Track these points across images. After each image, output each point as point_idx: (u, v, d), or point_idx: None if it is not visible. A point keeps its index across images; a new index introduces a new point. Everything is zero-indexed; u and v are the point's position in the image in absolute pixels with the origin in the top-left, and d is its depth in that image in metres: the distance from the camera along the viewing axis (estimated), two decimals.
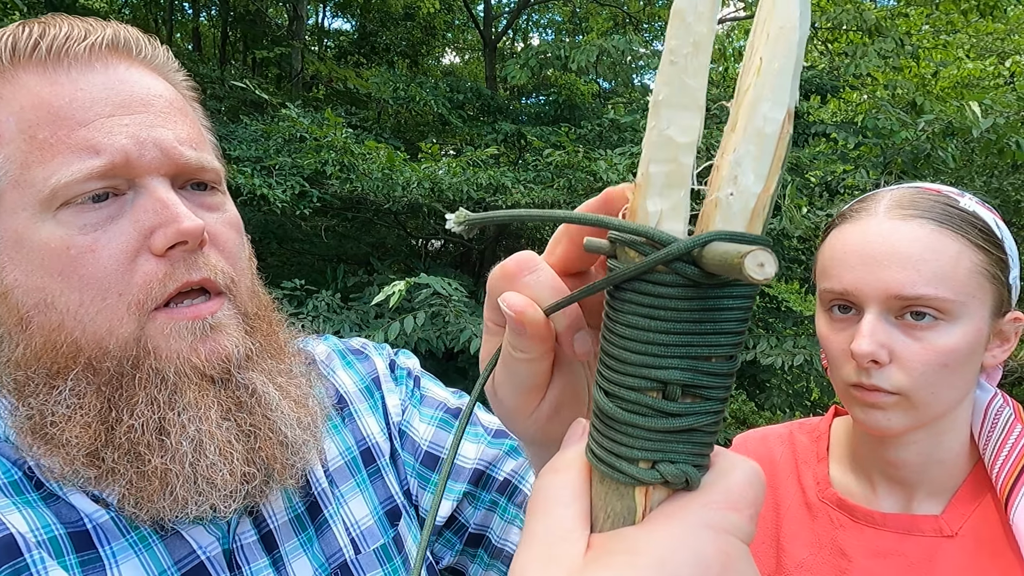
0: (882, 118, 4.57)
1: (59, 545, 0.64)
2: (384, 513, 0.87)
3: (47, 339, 0.66)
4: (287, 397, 0.75)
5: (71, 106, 0.66)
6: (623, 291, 0.39)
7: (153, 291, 0.67)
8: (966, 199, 0.95)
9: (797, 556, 1.06)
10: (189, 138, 0.72)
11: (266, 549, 0.76)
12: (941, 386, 0.90)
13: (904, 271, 0.89)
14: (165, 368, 0.67)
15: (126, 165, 0.67)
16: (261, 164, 4.75)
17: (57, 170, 0.65)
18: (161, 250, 0.67)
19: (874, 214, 0.95)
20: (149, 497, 0.66)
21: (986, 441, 0.95)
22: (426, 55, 10.99)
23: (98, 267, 0.65)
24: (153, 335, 0.67)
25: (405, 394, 0.97)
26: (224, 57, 9.74)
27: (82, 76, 0.68)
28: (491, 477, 0.93)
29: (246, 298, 0.75)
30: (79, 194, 0.65)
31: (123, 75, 0.70)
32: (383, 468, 0.90)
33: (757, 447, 1.19)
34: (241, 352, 0.71)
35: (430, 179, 4.61)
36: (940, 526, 0.96)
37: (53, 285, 0.66)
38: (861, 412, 0.95)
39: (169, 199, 0.68)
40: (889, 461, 1.00)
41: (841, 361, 0.96)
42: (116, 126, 0.67)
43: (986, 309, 0.91)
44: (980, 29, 8.73)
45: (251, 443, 0.70)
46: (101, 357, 0.66)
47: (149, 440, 0.66)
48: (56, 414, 0.66)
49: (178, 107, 0.74)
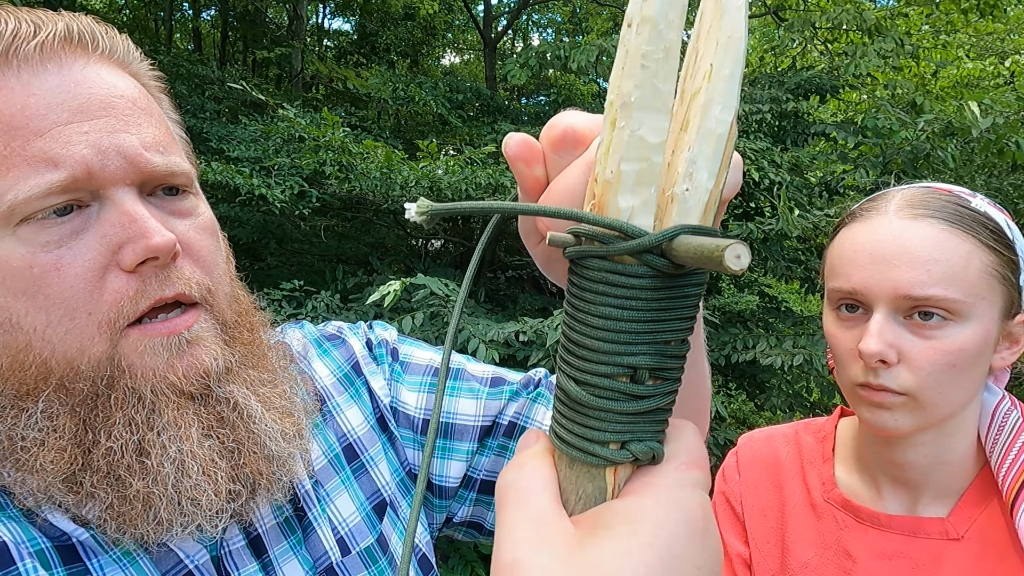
0: (881, 118, 4.57)
1: (46, 558, 0.62)
2: (372, 508, 0.85)
3: (14, 359, 0.62)
4: (271, 408, 0.72)
5: (23, 114, 0.61)
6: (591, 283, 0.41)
7: (124, 309, 0.63)
8: (978, 199, 0.94)
9: (802, 556, 1.05)
10: (155, 141, 0.67)
11: (255, 554, 0.74)
12: (949, 386, 0.90)
13: (914, 271, 0.88)
14: (141, 387, 0.64)
15: (88, 177, 0.62)
16: (260, 164, 4.75)
17: (13, 185, 0.60)
18: (130, 266, 0.63)
19: (884, 213, 0.94)
20: (132, 521, 0.63)
21: (993, 444, 0.94)
22: (426, 55, 10.99)
23: (64, 286, 0.61)
24: (127, 353, 0.64)
25: (388, 372, 0.94)
26: (224, 57, 9.74)
27: (34, 79, 0.62)
28: (497, 424, 0.92)
29: (224, 306, 0.71)
30: (39, 209, 0.61)
31: (79, 75, 0.65)
32: (367, 462, 0.88)
33: (762, 447, 1.18)
34: (220, 365, 0.68)
35: (428, 178, 4.60)
36: (946, 529, 0.96)
37: (17, 305, 0.61)
38: (868, 412, 0.94)
39: (137, 212, 0.64)
40: (895, 462, 0.99)
41: (848, 360, 0.95)
42: (75, 135, 0.62)
43: (995, 310, 0.91)
44: (980, 29, 8.74)
45: (235, 459, 0.68)
46: (73, 377, 0.62)
47: (129, 463, 0.63)
48: (27, 438, 0.62)
49: (142, 107, 0.69)
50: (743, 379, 5.31)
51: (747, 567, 1.12)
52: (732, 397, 5.46)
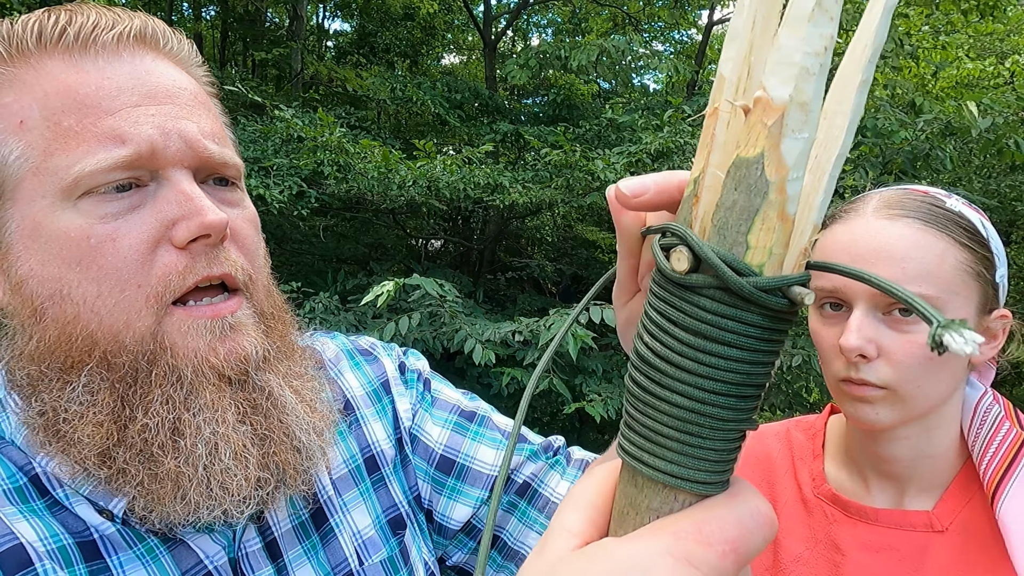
0: (881, 118, 4.58)
1: (68, 555, 0.63)
2: (387, 522, 0.86)
3: (62, 331, 0.64)
4: (302, 401, 0.73)
5: (98, 94, 0.65)
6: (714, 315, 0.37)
7: (172, 283, 0.65)
8: (952, 200, 0.97)
9: (793, 551, 1.06)
10: (212, 132, 0.71)
11: (270, 557, 0.74)
12: (927, 380, 0.92)
13: (890, 269, 0.91)
14: (182, 366, 0.65)
15: (152, 156, 0.65)
16: (259, 165, 4.76)
17: (81, 158, 0.63)
18: (183, 242, 0.65)
19: (862, 214, 0.97)
20: (160, 500, 0.64)
21: (975, 438, 0.96)
22: (426, 55, 11.01)
23: (118, 256, 0.64)
24: (170, 331, 0.65)
25: (416, 398, 0.95)
26: (224, 58, 9.76)
27: (109, 65, 0.67)
28: (511, 480, 0.92)
29: (263, 297, 0.73)
30: (103, 183, 0.64)
31: (150, 66, 0.69)
32: (387, 476, 0.89)
33: (754, 444, 1.19)
34: (259, 353, 0.69)
35: (427, 177, 4.61)
36: (931, 521, 0.97)
37: (70, 275, 0.64)
38: (850, 406, 0.96)
39: (193, 191, 0.67)
40: (880, 457, 1.01)
41: (831, 357, 0.97)
42: (143, 116, 0.66)
43: (972, 306, 0.93)
44: (980, 29, 8.74)
45: (266, 447, 0.69)
46: (116, 351, 0.64)
47: (163, 441, 0.64)
48: (69, 411, 0.64)
49: (201, 101, 0.73)
50: None
51: None
52: None
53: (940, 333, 0.32)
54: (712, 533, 0.37)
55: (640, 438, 0.40)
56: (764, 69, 0.35)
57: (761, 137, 0.35)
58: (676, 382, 0.38)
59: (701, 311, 0.37)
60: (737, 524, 0.38)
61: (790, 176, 0.35)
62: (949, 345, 0.31)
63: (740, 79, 0.38)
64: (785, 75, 0.34)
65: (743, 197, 0.36)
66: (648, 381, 0.39)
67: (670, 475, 0.39)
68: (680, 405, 0.38)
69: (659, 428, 0.39)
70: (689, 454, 0.39)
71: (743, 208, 0.36)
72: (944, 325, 0.32)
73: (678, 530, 0.38)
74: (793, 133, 0.34)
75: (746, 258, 0.36)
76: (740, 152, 0.36)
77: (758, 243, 0.36)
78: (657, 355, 0.39)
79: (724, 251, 0.36)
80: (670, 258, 0.38)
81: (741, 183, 0.36)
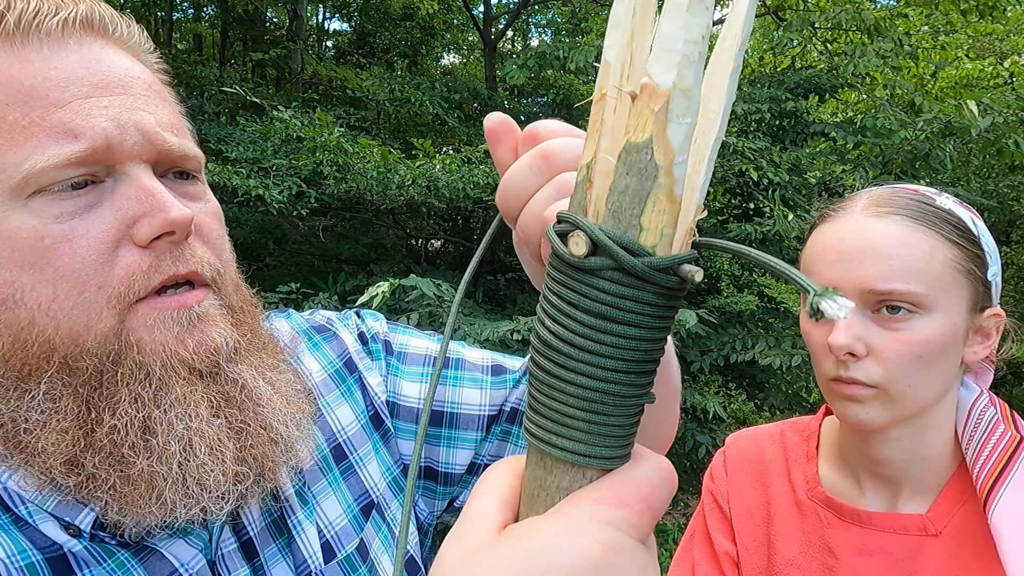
0: (880, 118, 4.57)
1: (37, 572, 0.60)
2: (360, 509, 0.84)
3: (16, 338, 0.60)
4: (277, 392, 0.70)
5: (44, 85, 0.60)
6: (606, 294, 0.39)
7: (136, 284, 0.62)
8: (943, 198, 0.97)
9: (787, 554, 1.06)
10: (170, 123, 0.68)
11: (246, 557, 0.72)
12: (917, 379, 0.92)
13: (877, 266, 0.91)
14: (150, 362, 0.62)
15: (107, 150, 0.61)
16: (259, 165, 4.76)
17: (31, 155, 0.59)
18: (145, 241, 0.62)
19: (851, 212, 0.97)
20: (135, 503, 0.61)
21: (969, 440, 0.96)
22: (425, 55, 11.00)
23: (75, 258, 0.60)
24: (135, 327, 0.62)
25: (384, 369, 0.92)
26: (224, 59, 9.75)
27: (55, 54, 0.62)
28: (501, 411, 0.91)
29: (231, 291, 0.71)
30: (56, 181, 0.60)
31: (99, 54, 0.65)
32: (356, 463, 0.86)
33: (748, 446, 1.19)
34: (230, 344, 0.66)
35: (426, 177, 4.61)
36: (925, 525, 0.97)
37: (23, 279, 0.59)
38: (841, 406, 0.96)
39: (154, 187, 0.63)
40: (873, 458, 1.01)
41: (821, 356, 0.97)
42: (95, 108, 0.61)
43: (962, 303, 0.92)
44: (979, 30, 8.73)
45: (242, 441, 0.66)
46: (77, 356, 0.61)
47: (133, 441, 0.61)
48: (29, 420, 0.60)
49: (156, 90, 0.69)
50: (742, 379, 5.31)
51: (735, 565, 1.13)
52: (732, 397, 5.45)
53: (817, 301, 0.34)
54: (629, 495, 0.40)
55: (547, 420, 0.41)
56: (647, 57, 0.36)
57: (649, 122, 0.36)
58: (580, 363, 0.39)
59: (600, 292, 0.39)
60: (648, 483, 0.41)
61: (676, 159, 0.36)
62: (825, 311, 0.33)
63: (624, 65, 0.39)
64: (668, 62, 0.35)
65: (635, 181, 0.37)
66: (552, 364, 0.41)
67: (579, 454, 0.41)
68: (585, 386, 0.40)
69: (565, 409, 0.40)
70: (595, 431, 0.40)
71: (635, 191, 0.37)
72: (820, 293, 0.34)
73: (597, 497, 0.40)
74: (677, 118, 0.36)
75: (640, 239, 0.38)
76: (629, 137, 0.37)
77: (650, 224, 0.38)
78: (560, 338, 0.40)
79: (620, 234, 0.38)
80: (568, 243, 0.39)
81: (632, 167, 0.37)
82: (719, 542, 1.15)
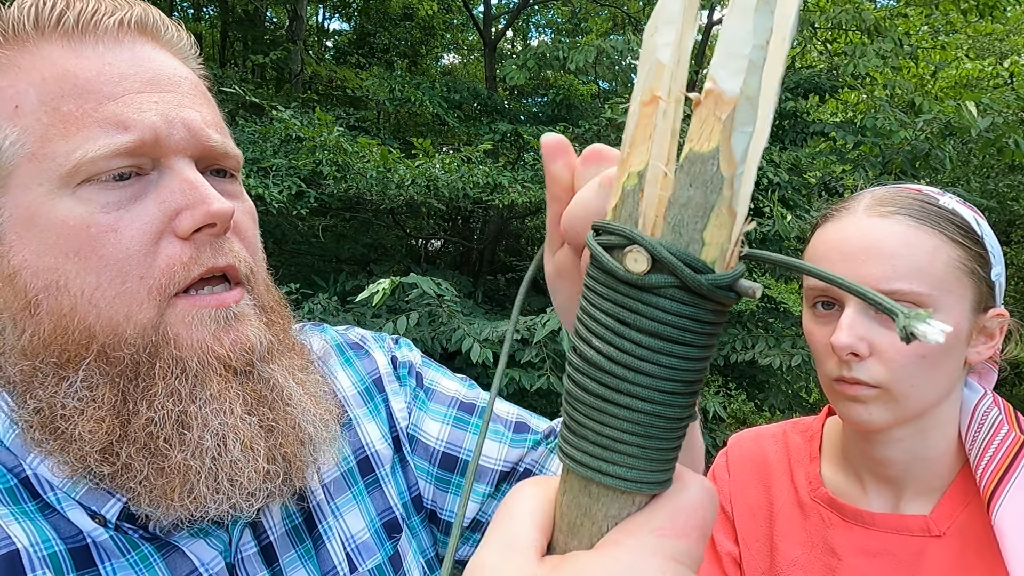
0: (880, 118, 4.57)
1: (59, 562, 0.60)
2: (381, 525, 0.84)
3: (57, 324, 0.61)
4: (307, 393, 0.72)
5: (99, 79, 0.63)
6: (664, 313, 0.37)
7: (176, 275, 0.63)
8: (946, 198, 0.96)
9: (790, 555, 1.06)
10: (214, 122, 0.70)
11: (265, 562, 0.72)
12: (920, 379, 0.91)
13: (880, 266, 0.90)
14: (187, 357, 0.63)
15: (155, 143, 0.63)
16: (258, 165, 4.75)
17: (82, 144, 0.61)
18: (187, 232, 0.63)
19: (854, 212, 0.97)
20: (167, 495, 0.62)
21: (972, 441, 0.95)
22: (425, 55, 11.00)
23: (119, 248, 0.61)
24: (173, 322, 0.63)
25: (409, 396, 0.92)
26: (224, 59, 9.75)
27: (109, 51, 0.65)
28: (515, 471, 0.91)
29: (263, 291, 0.72)
30: (103, 171, 0.62)
31: (150, 54, 0.68)
32: (382, 478, 0.86)
33: (751, 447, 1.18)
34: (264, 344, 0.68)
35: (426, 176, 4.60)
36: (928, 526, 0.97)
37: (68, 266, 0.61)
38: (844, 406, 0.96)
39: (197, 180, 0.65)
40: (876, 459, 1.00)
41: (824, 356, 0.97)
42: (145, 102, 0.64)
43: (965, 303, 0.92)
44: (979, 29, 8.73)
45: (272, 440, 0.67)
46: (116, 345, 0.62)
47: (168, 434, 0.62)
48: (67, 407, 0.61)
49: (201, 91, 0.72)
50: (742, 379, 5.31)
51: (737, 566, 1.13)
52: (732, 397, 5.45)
53: (910, 325, 0.31)
54: (685, 524, 0.39)
55: (593, 445, 0.39)
56: (713, 60, 0.34)
57: (716, 131, 0.34)
58: (635, 386, 0.37)
59: (659, 312, 0.36)
60: (700, 508, 0.40)
61: (738, 171, 0.34)
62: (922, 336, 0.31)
63: (675, 66, 0.37)
64: (735, 67, 0.33)
65: (699, 193, 0.35)
66: (600, 387, 0.38)
67: (631, 480, 0.38)
68: (640, 410, 0.37)
69: (616, 434, 0.38)
70: (648, 457, 0.38)
71: (699, 205, 0.35)
72: (912, 317, 0.32)
73: (654, 528, 0.38)
74: (741, 127, 0.34)
75: (702, 255, 0.36)
76: (693, 146, 0.35)
77: (712, 239, 0.35)
78: (611, 359, 0.37)
79: (683, 250, 0.35)
80: (624, 259, 0.37)
81: (696, 179, 0.35)
82: (721, 543, 1.14)
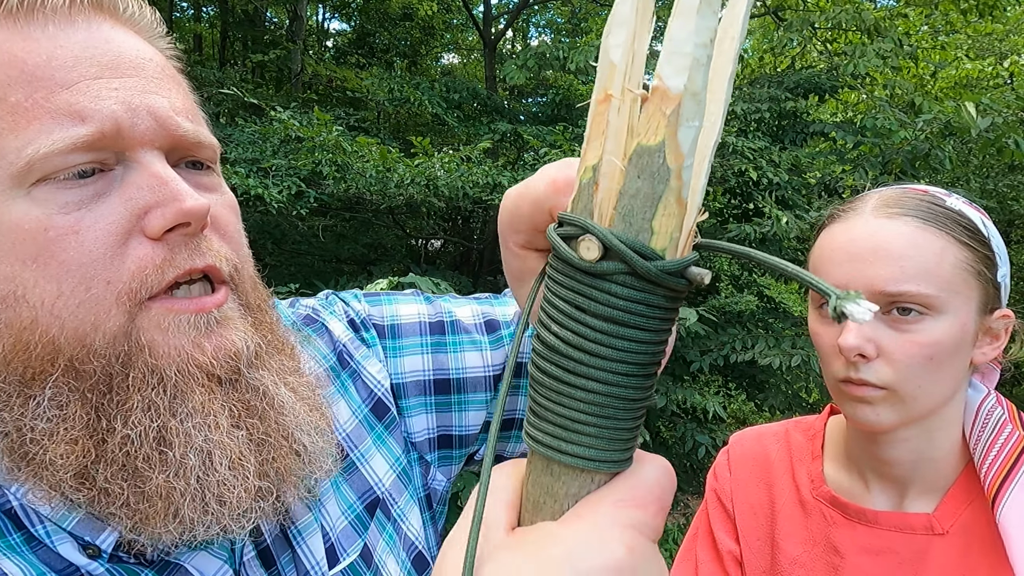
0: (880, 118, 4.57)
1: None
2: (364, 508, 0.80)
3: (17, 339, 0.55)
4: (299, 399, 0.66)
5: (50, 65, 0.55)
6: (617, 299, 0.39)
7: (148, 279, 0.57)
8: (953, 199, 0.96)
9: (791, 553, 1.06)
10: (184, 108, 0.63)
11: (264, 565, 0.69)
12: (927, 380, 0.91)
13: (888, 268, 0.90)
14: (164, 366, 0.57)
15: (116, 135, 0.56)
16: (258, 165, 4.75)
17: (34, 139, 0.54)
18: (157, 233, 0.57)
19: (861, 213, 0.96)
20: (150, 520, 0.56)
21: (976, 440, 0.95)
22: (425, 55, 11.00)
23: (82, 251, 0.55)
24: (147, 328, 0.57)
25: (382, 354, 0.87)
26: (223, 59, 9.75)
27: (61, 32, 0.57)
28: (518, 364, 0.88)
29: (249, 288, 0.66)
30: (61, 168, 0.55)
31: (108, 34, 0.60)
32: (358, 459, 0.82)
33: (752, 445, 1.18)
34: (251, 348, 0.62)
35: (425, 176, 4.60)
36: (931, 524, 0.97)
37: (24, 274, 0.54)
38: (850, 407, 0.96)
39: (167, 174, 0.58)
40: (881, 459, 1.00)
41: (831, 357, 0.96)
42: (104, 89, 0.56)
43: (972, 305, 0.92)
44: (979, 30, 8.73)
45: (263, 454, 0.61)
46: (84, 357, 0.56)
47: (148, 453, 0.56)
48: (36, 429, 0.55)
49: (169, 74, 0.64)
50: (742, 379, 5.31)
51: (738, 564, 1.12)
52: (731, 397, 5.46)
53: (840, 304, 0.34)
54: (644, 496, 0.41)
55: (554, 427, 0.41)
56: (645, 58, 0.37)
57: (661, 126, 0.36)
58: (591, 368, 0.39)
59: (612, 297, 0.39)
60: (657, 483, 0.42)
61: (685, 163, 0.36)
62: (851, 315, 0.33)
63: (627, 66, 0.39)
64: (679, 65, 0.35)
65: (646, 185, 0.37)
66: (560, 370, 0.40)
67: (590, 459, 0.41)
68: (596, 391, 0.39)
69: (574, 415, 0.40)
70: (605, 436, 0.40)
71: (647, 195, 0.37)
72: (843, 297, 0.34)
73: (615, 501, 0.40)
74: (687, 121, 0.36)
75: (651, 243, 0.38)
76: (640, 140, 0.37)
77: (661, 228, 0.38)
78: (568, 344, 0.40)
79: (632, 238, 0.38)
80: (578, 248, 0.39)
81: (644, 171, 0.37)
82: (723, 541, 1.14)
